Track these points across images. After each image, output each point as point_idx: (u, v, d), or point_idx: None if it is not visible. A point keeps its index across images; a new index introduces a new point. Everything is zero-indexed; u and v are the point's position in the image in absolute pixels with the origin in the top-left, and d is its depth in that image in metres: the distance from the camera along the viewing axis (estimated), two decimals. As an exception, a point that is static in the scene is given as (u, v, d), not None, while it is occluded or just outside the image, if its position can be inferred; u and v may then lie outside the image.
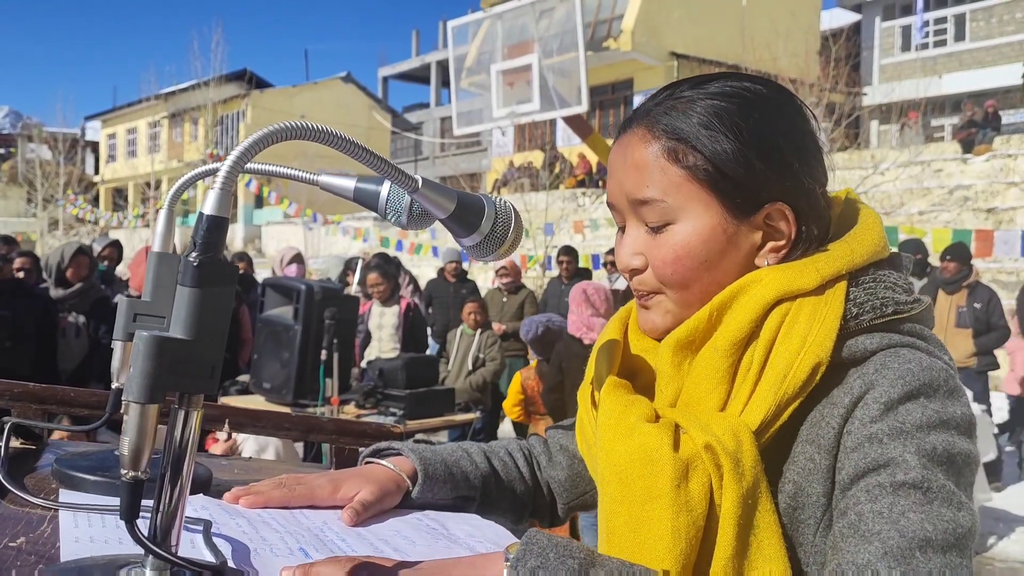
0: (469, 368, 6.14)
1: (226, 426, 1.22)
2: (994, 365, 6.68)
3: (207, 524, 0.81)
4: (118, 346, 0.99)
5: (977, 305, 6.54)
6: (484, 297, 7.44)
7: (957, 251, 6.78)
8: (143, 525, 0.65)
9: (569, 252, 8.32)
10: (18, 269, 5.44)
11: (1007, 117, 19.03)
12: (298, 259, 7.14)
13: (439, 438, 5.29)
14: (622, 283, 8.02)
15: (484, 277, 10.82)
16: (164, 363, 0.61)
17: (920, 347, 0.83)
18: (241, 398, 4.66)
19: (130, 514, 0.63)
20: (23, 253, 6.07)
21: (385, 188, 0.86)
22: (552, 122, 22.32)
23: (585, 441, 0.99)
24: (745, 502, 0.77)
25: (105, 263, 7.18)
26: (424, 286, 8.66)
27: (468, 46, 12.40)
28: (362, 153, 0.71)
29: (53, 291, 4.89)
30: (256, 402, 4.46)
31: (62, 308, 4.89)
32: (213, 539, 0.79)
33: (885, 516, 0.73)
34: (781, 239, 0.87)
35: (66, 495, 0.92)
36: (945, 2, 23.13)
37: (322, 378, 4.27)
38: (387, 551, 0.86)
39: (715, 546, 0.77)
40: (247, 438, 3.24)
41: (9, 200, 36.88)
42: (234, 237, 26.70)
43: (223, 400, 4.16)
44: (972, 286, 6.65)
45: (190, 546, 0.78)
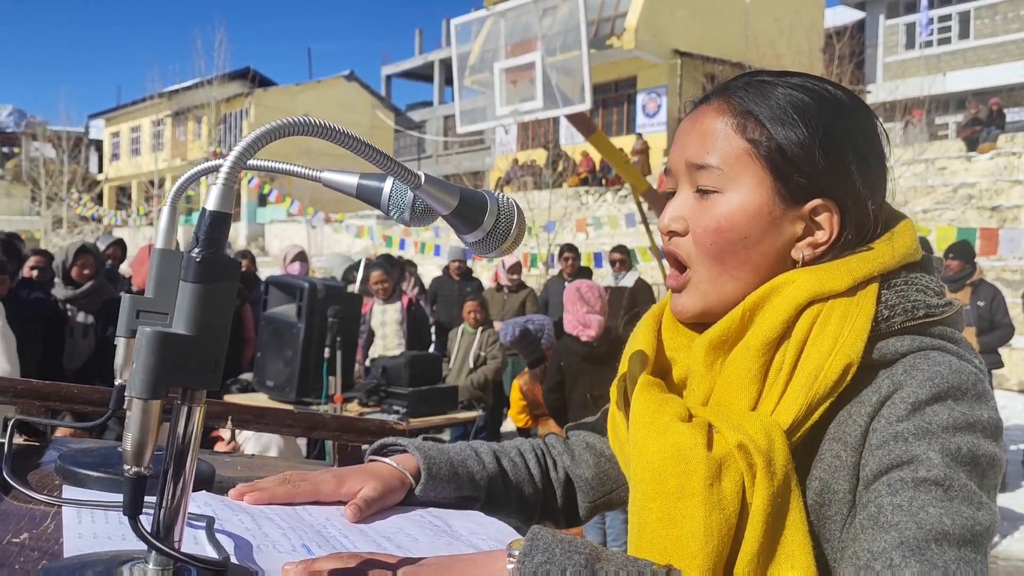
0: (470, 366, 6.14)
1: (229, 423, 1.22)
2: (998, 363, 6.66)
3: (210, 520, 0.81)
4: (121, 343, 0.99)
5: (981, 303, 6.51)
6: (484, 295, 7.43)
7: (960, 249, 6.76)
8: (146, 521, 0.65)
9: (572, 249, 8.30)
10: (32, 268, 5.43)
11: (1012, 115, 19.00)
12: (301, 257, 7.15)
13: (442, 436, 5.29)
14: (628, 280, 7.99)
15: (488, 276, 10.81)
16: (167, 359, 0.61)
17: (950, 350, 0.83)
18: (244, 396, 4.66)
19: (133, 510, 0.63)
20: (37, 251, 6.04)
21: (388, 185, 0.85)
22: (555, 120, 22.29)
23: (617, 439, 1.00)
24: (775, 500, 0.78)
25: (109, 262, 7.17)
26: (429, 284, 8.67)
27: (471, 44, 12.37)
28: (365, 149, 0.71)
29: (62, 291, 4.88)
30: (259, 400, 4.47)
31: (72, 307, 4.89)
32: (216, 535, 0.79)
33: (904, 509, 0.73)
34: (821, 236, 0.88)
35: (69, 491, 0.92)
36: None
37: (325, 376, 4.28)
38: (390, 548, 0.86)
39: (742, 543, 0.78)
40: (249, 438, 3.24)
41: (13, 199, 36.94)
42: (237, 235, 26.68)
43: (225, 399, 4.16)
44: (976, 284, 6.63)
45: (193, 542, 0.78)
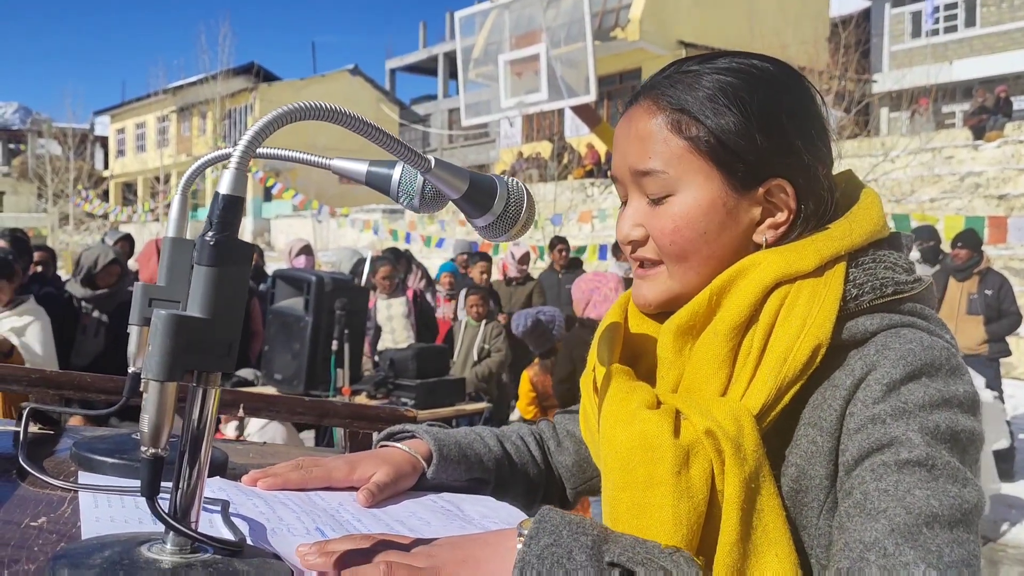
0: (474, 359, 6.14)
1: (240, 411, 1.23)
2: (1006, 352, 6.64)
3: (225, 504, 0.82)
4: (134, 331, 1.00)
5: (988, 292, 6.49)
6: (485, 287, 7.43)
7: (968, 238, 6.73)
8: (163, 504, 0.66)
9: (562, 241, 8.36)
10: (37, 263, 5.47)
11: (1018, 103, 18.90)
12: (307, 251, 7.15)
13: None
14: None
15: (495, 268, 10.80)
16: (181, 341, 0.61)
17: (921, 326, 0.82)
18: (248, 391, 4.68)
19: (151, 490, 0.64)
20: (39, 247, 6.09)
21: (397, 171, 0.85)
22: (560, 112, 22.26)
23: (588, 428, 1.00)
24: (748, 486, 0.77)
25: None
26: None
27: (475, 37, 12.37)
28: (374, 132, 0.71)
29: (79, 289, 4.92)
30: (268, 392, 4.49)
31: (87, 305, 4.92)
32: (231, 518, 0.80)
33: (891, 494, 0.72)
34: (780, 216, 0.87)
35: (84, 477, 0.93)
36: (955, -12, 22.94)
37: (333, 368, 4.29)
38: (402, 531, 0.86)
39: (719, 531, 0.77)
40: (251, 436, 3.25)
41: (20, 196, 37.08)
42: (243, 231, 26.66)
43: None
44: (983, 273, 6.60)
45: (208, 525, 0.79)
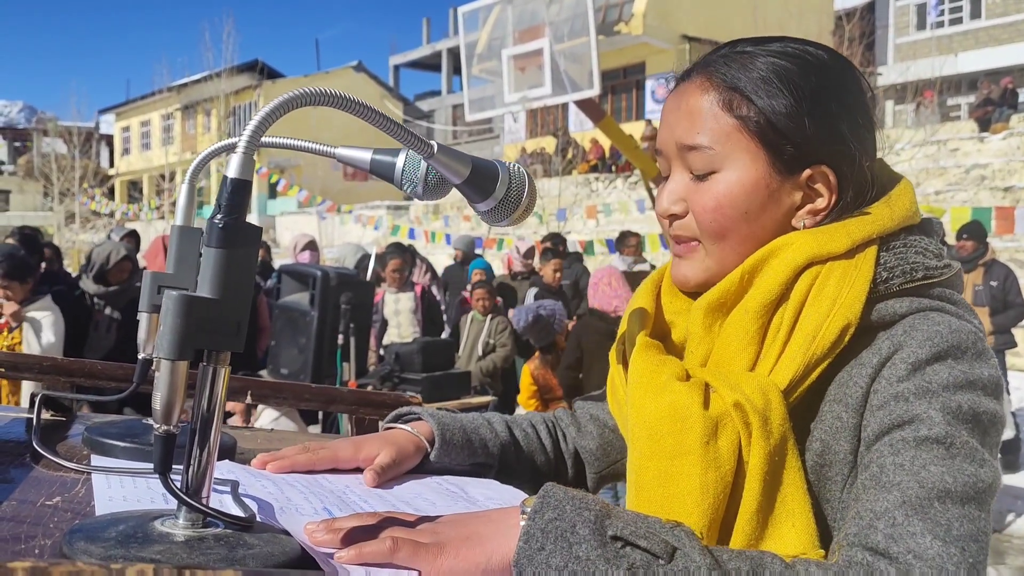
0: (479, 354, 6.15)
1: (248, 398, 1.25)
2: (1011, 343, 6.63)
3: (235, 484, 0.84)
4: (144, 318, 1.02)
5: (994, 283, 6.48)
6: (491, 282, 7.45)
7: (973, 229, 6.71)
8: (175, 481, 0.67)
9: (555, 237, 8.36)
10: (44, 259, 5.52)
11: (1024, 95, 18.81)
12: (312, 246, 7.17)
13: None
14: (641, 268, 7.99)
15: (500, 263, 10.84)
16: (192, 321, 0.63)
17: (949, 311, 0.83)
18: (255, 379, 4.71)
19: (163, 467, 0.66)
20: (45, 244, 6.14)
21: (401, 159, 0.86)
22: (564, 107, 22.25)
23: (616, 401, 1.01)
24: (772, 459, 0.79)
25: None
26: (442, 273, 8.74)
27: (479, 32, 12.35)
28: (376, 117, 0.72)
29: (92, 286, 4.96)
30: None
31: (100, 302, 4.97)
32: (241, 498, 0.81)
33: (906, 468, 0.73)
34: (820, 202, 0.88)
35: (97, 460, 0.94)
36: (960, -21, 22.84)
37: (339, 362, 4.31)
38: (407, 511, 0.88)
39: (741, 500, 0.79)
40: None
41: (26, 194, 37.17)
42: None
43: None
44: (988, 264, 6.59)
45: (218, 504, 0.80)
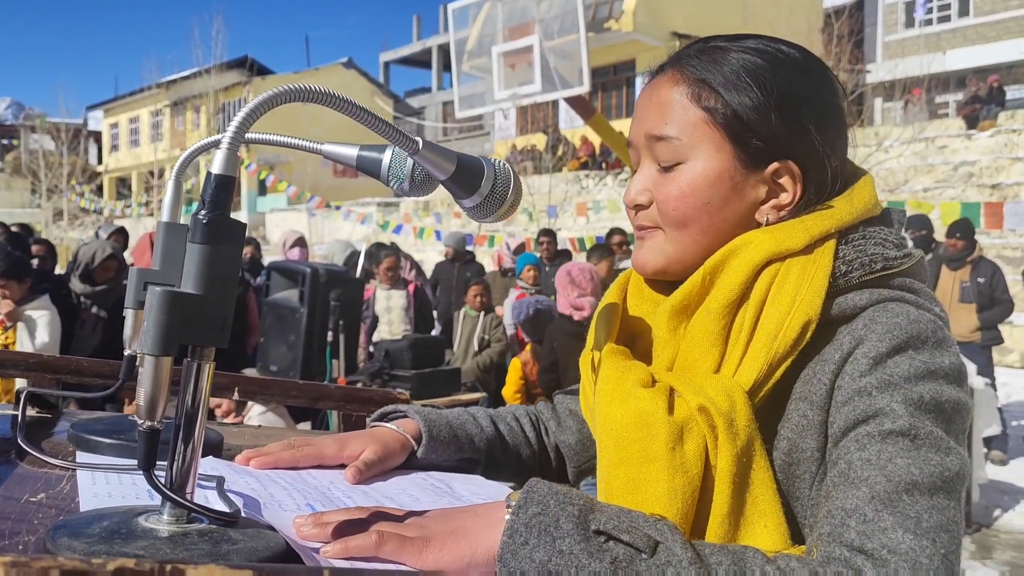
0: (475, 350, 6.16)
1: (235, 395, 1.24)
2: (998, 339, 6.68)
3: (220, 479, 0.84)
4: (129, 314, 1.01)
5: (981, 280, 6.52)
6: (487, 279, 7.46)
7: (964, 228, 6.73)
8: (159, 477, 0.67)
9: (548, 233, 8.38)
10: (33, 257, 5.48)
11: (1011, 92, 18.93)
12: (301, 242, 7.17)
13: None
14: (627, 265, 8.01)
15: (489, 259, 10.85)
16: (176, 316, 0.63)
17: (909, 300, 0.84)
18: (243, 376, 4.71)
19: (147, 463, 0.65)
20: (38, 241, 6.10)
21: (387, 155, 0.87)
22: (554, 104, 22.24)
23: (587, 406, 1.01)
24: (740, 460, 0.79)
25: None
26: (432, 270, 8.76)
27: (469, 29, 12.34)
28: (362, 114, 0.72)
29: (80, 285, 4.94)
30: (263, 384, 4.50)
31: (87, 301, 4.95)
32: (226, 493, 0.81)
33: (873, 463, 0.74)
34: (784, 198, 0.89)
35: (83, 457, 0.94)
36: (948, -23, 22.93)
37: (328, 359, 4.32)
38: (392, 507, 0.88)
39: (711, 503, 0.79)
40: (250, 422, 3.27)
41: (13, 191, 36.94)
42: (238, 224, 26.61)
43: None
44: (976, 261, 6.63)
45: (203, 500, 0.80)
